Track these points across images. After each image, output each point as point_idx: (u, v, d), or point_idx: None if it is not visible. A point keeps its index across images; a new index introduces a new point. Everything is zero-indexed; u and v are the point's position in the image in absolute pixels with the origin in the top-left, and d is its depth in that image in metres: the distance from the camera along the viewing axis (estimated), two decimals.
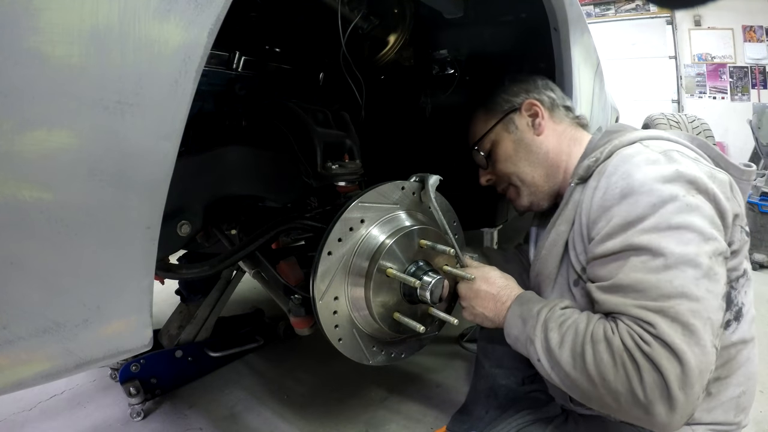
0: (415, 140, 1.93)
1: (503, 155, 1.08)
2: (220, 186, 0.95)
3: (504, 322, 0.89)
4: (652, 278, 0.69)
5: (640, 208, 0.73)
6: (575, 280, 0.88)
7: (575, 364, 0.75)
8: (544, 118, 1.06)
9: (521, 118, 1.07)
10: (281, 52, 1.27)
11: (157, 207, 0.54)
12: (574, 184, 0.91)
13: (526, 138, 1.06)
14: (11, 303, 0.46)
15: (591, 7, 7.54)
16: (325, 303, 0.84)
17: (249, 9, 1.10)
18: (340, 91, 1.34)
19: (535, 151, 1.05)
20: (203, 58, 0.52)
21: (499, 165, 1.09)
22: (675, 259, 0.69)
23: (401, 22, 1.39)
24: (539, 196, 1.07)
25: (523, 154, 1.06)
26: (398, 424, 1.45)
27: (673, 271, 0.68)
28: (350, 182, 1.04)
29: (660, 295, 0.68)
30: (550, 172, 1.04)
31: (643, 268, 0.71)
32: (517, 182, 1.07)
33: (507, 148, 1.08)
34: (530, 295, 0.90)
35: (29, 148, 0.42)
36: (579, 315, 0.80)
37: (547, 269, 0.95)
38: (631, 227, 0.74)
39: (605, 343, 0.71)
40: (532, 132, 1.06)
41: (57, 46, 0.42)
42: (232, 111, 1.16)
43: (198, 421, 1.48)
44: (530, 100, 1.06)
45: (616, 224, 0.75)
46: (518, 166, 1.06)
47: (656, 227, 0.71)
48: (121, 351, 0.57)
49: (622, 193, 0.76)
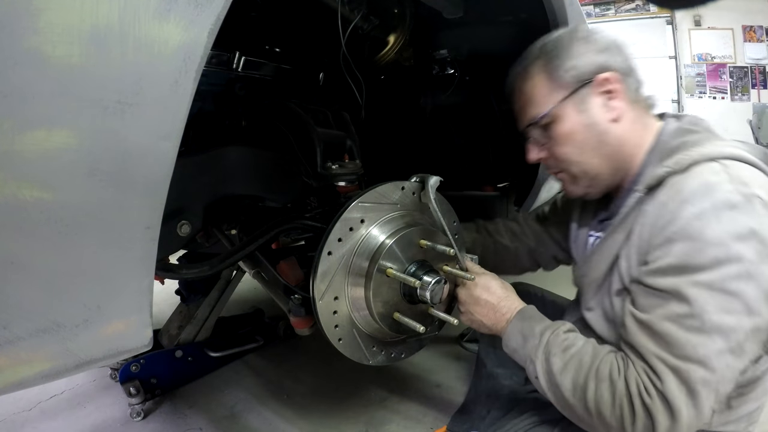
0: (415, 140, 1.93)
1: (567, 138, 0.88)
2: (220, 186, 0.95)
3: (503, 333, 0.92)
4: (682, 336, 0.69)
5: (702, 258, 0.69)
6: (619, 290, 0.84)
7: (575, 392, 0.78)
8: (622, 96, 0.85)
9: (594, 95, 0.85)
10: (281, 52, 1.27)
11: (157, 207, 0.54)
12: (640, 193, 0.81)
13: (600, 124, 0.86)
14: (11, 303, 0.46)
15: (591, 7, 7.54)
16: (325, 303, 0.84)
17: (249, 9, 1.10)
18: (340, 91, 1.34)
19: (607, 142, 0.86)
20: (203, 58, 0.52)
21: (559, 148, 0.90)
22: (711, 326, 0.68)
23: (401, 22, 1.39)
24: (598, 189, 0.93)
25: (594, 143, 0.87)
26: (398, 424, 1.45)
27: (703, 337, 0.68)
28: (350, 182, 1.04)
29: (682, 354, 0.69)
30: (620, 165, 0.88)
31: (678, 321, 0.70)
32: (578, 172, 0.90)
33: (574, 132, 0.87)
34: (532, 312, 0.92)
35: (29, 148, 0.42)
36: (584, 344, 0.82)
37: (595, 274, 0.89)
38: (686, 273, 0.70)
39: (608, 383, 0.74)
40: (607, 116, 0.85)
41: (57, 46, 0.42)
42: (232, 111, 1.16)
43: (198, 421, 1.47)
44: (605, 75, 0.84)
45: (673, 264, 0.71)
46: (584, 156, 0.88)
47: (709, 285, 0.68)
48: (121, 351, 0.57)
49: (691, 235, 0.70)
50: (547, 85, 0.88)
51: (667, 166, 0.78)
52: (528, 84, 0.91)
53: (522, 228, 1.26)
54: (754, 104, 6.27)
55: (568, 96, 0.86)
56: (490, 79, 1.77)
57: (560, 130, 0.88)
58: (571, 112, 0.86)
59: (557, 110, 0.87)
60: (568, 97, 0.86)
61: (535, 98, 0.90)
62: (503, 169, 1.92)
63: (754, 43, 6.79)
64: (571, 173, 0.92)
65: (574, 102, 0.86)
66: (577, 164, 0.89)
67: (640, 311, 0.75)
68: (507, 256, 1.25)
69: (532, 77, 0.90)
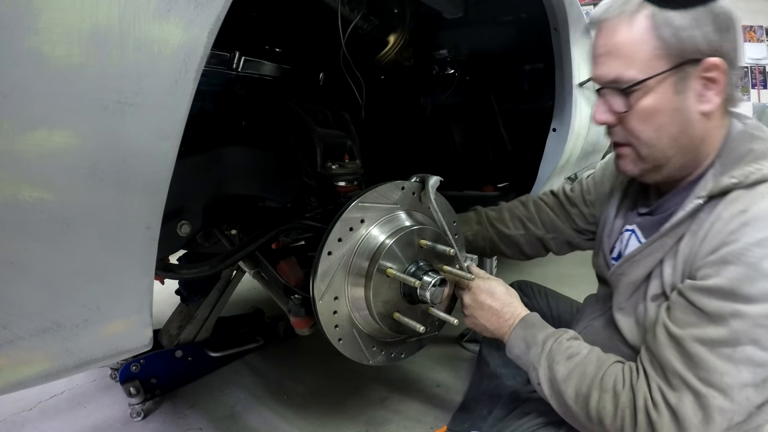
0: (415, 140, 1.94)
1: (649, 116, 0.76)
2: (220, 186, 0.95)
3: (506, 339, 0.92)
4: (711, 361, 0.67)
5: (753, 289, 0.65)
6: (656, 294, 0.80)
7: (577, 400, 0.78)
8: (722, 91, 0.74)
9: (694, 78, 0.73)
10: (281, 52, 1.27)
11: (157, 207, 0.54)
12: (701, 201, 0.74)
13: (690, 114, 0.75)
14: (11, 303, 0.46)
15: (591, 7, 7.54)
16: (325, 303, 0.84)
17: (249, 9, 1.10)
18: (340, 91, 1.34)
19: (689, 134, 0.76)
20: (203, 58, 0.52)
21: (637, 124, 0.77)
22: (742, 357, 0.66)
23: (401, 22, 1.39)
24: (657, 177, 0.83)
25: (675, 131, 0.76)
26: (398, 424, 1.45)
27: (731, 366, 0.66)
28: (350, 182, 1.04)
29: (706, 379, 0.67)
30: (690, 162, 0.80)
31: (711, 345, 0.67)
32: (647, 155, 0.80)
33: (660, 112, 0.75)
34: (534, 319, 0.92)
35: (29, 148, 0.42)
36: (588, 353, 0.81)
37: (635, 276, 0.84)
38: (732, 300, 0.66)
39: (612, 394, 0.74)
40: (699, 107, 0.74)
41: (57, 46, 0.42)
42: (232, 111, 1.16)
43: (198, 421, 1.47)
44: (716, 60, 0.71)
45: (722, 287, 0.67)
46: (660, 141, 0.77)
47: (753, 317, 0.65)
48: (121, 351, 0.57)
49: (747, 261, 0.66)
50: (652, 46, 0.72)
51: (734, 176, 0.71)
52: (627, 33, 0.74)
53: (531, 214, 1.21)
54: (754, 104, 6.28)
55: (672, 69, 0.72)
56: (490, 78, 1.77)
57: (646, 105, 0.75)
58: (667, 90, 0.73)
59: (654, 82, 0.73)
60: (672, 71, 0.72)
61: (631, 56, 0.74)
62: (503, 169, 1.93)
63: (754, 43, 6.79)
64: (638, 152, 0.81)
65: (674, 78, 0.73)
66: (649, 147, 0.78)
67: (674, 324, 0.71)
68: (511, 245, 1.22)
69: (635, 25, 0.73)
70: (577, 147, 1.71)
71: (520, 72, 1.71)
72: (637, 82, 0.74)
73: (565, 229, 1.17)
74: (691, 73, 0.73)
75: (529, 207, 1.22)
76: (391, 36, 1.41)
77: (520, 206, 1.24)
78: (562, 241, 1.19)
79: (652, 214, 0.88)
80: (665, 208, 0.85)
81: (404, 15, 1.38)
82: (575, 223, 1.16)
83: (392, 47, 1.42)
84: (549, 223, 1.19)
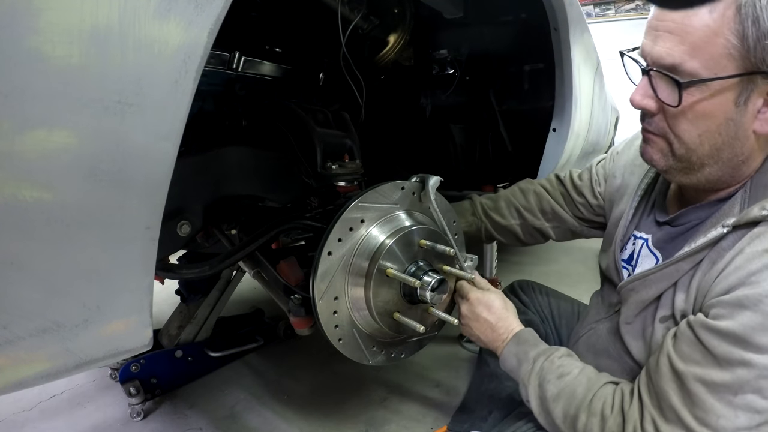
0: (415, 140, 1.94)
1: (698, 118, 0.69)
2: (220, 186, 0.95)
3: (499, 353, 0.93)
4: (709, 402, 0.65)
5: (767, 340, 0.61)
6: (666, 316, 0.77)
7: (565, 421, 0.79)
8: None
9: (759, 93, 0.65)
10: (281, 52, 1.27)
11: (157, 207, 0.54)
12: (726, 230, 0.69)
13: (743, 129, 0.68)
14: (11, 303, 0.46)
15: (591, 7, 7.54)
16: (325, 303, 0.84)
17: (249, 9, 1.10)
18: (340, 91, 1.34)
19: (734, 150, 0.70)
20: (203, 58, 0.52)
21: (681, 122, 0.70)
22: (742, 403, 0.64)
23: (401, 22, 1.39)
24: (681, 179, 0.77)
25: (720, 142, 0.70)
26: (398, 424, 1.45)
27: (729, 410, 0.64)
28: (350, 182, 1.04)
29: (701, 418, 0.66)
30: (725, 180, 0.75)
31: (712, 387, 0.65)
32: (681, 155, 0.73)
33: (711, 117, 0.68)
34: (527, 335, 0.92)
35: (29, 148, 0.42)
36: (579, 373, 0.81)
37: (645, 294, 0.81)
38: (742, 347, 0.63)
39: (600, 418, 0.74)
40: (755, 124, 0.68)
41: (57, 46, 0.42)
42: (232, 111, 1.16)
43: (198, 421, 1.47)
44: None
45: (734, 332, 0.63)
46: (701, 147, 0.71)
47: (761, 369, 0.62)
48: (121, 351, 0.57)
49: (765, 311, 0.61)
50: (728, 44, 0.62)
51: (765, 209, 0.65)
52: (706, 16, 0.63)
53: (530, 204, 1.18)
54: None
55: (741, 75, 0.63)
56: (490, 78, 1.77)
57: (699, 106, 0.67)
58: (727, 97, 0.66)
59: (718, 85, 0.65)
60: (740, 77, 0.64)
61: (700, 45, 0.64)
62: (503, 168, 1.93)
63: None
64: (673, 148, 0.74)
65: (739, 87, 0.65)
66: (688, 149, 0.72)
67: (679, 358, 0.68)
68: (507, 234, 1.21)
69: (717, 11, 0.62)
70: (577, 147, 1.71)
71: (520, 72, 1.71)
72: (701, 80, 0.65)
73: (568, 219, 1.15)
74: (758, 85, 0.65)
75: (528, 196, 1.20)
76: (391, 36, 1.41)
77: (519, 194, 1.21)
78: (565, 229, 1.17)
79: (671, 224, 0.84)
80: (686, 220, 0.81)
81: (404, 15, 1.38)
82: (580, 211, 1.13)
83: (392, 47, 1.42)
84: (550, 212, 1.16)
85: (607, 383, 0.79)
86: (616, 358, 0.88)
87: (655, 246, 0.87)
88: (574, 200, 1.14)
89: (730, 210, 0.73)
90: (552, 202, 1.17)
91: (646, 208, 0.92)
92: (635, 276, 0.84)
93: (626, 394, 0.75)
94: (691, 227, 0.80)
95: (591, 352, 0.94)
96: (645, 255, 0.88)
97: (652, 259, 0.86)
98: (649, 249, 0.88)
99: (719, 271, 0.68)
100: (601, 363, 0.88)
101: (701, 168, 0.73)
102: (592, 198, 1.11)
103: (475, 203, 1.23)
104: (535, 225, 1.18)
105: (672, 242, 0.82)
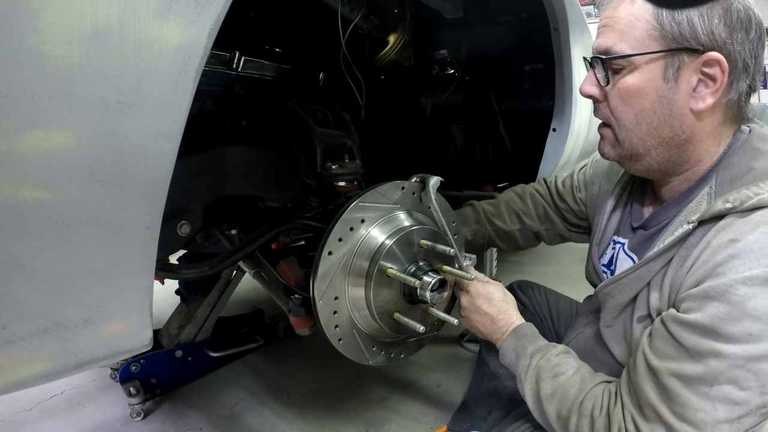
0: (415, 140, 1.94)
1: (629, 96, 0.74)
2: (220, 186, 0.95)
3: (499, 346, 0.94)
4: (685, 396, 0.65)
5: (735, 329, 0.61)
6: (642, 316, 0.78)
7: (558, 420, 0.80)
8: (719, 92, 0.70)
9: (690, 71, 0.70)
10: (281, 52, 1.27)
11: (157, 207, 0.54)
12: (691, 226, 0.70)
13: (677, 106, 0.72)
14: (11, 303, 0.46)
15: (591, 7, 7.54)
16: (325, 303, 0.84)
17: (249, 9, 1.10)
18: (340, 91, 1.34)
19: (673, 128, 0.73)
20: (203, 58, 0.52)
21: (617, 102, 0.76)
22: (719, 395, 0.63)
23: (401, 22, 1.39)
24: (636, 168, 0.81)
25: (656, 120, 0.74)
26: (398, 424, 1.45)
27: (706, 403, 0.64)
28: (350, 182, 1.04)
29: (680, 413, 0.66)
30: (674, 164, 0.77)
31: (687, 381, 0.65)
32: (623, 139, 0.78)
33: (642, 94, 0.73)
34: (527, 330, 0.92)
35: (29, 148, 0.42)
36: (574, 373, 0.82)
37: (620, 297, 0.82)
38: (712, 338, 0.63)
39: (589, 419, 0.75)
40: (690, 103, 0.71)
41: (57, 46, 0.42)
42: (232, 111, 1.16)
43: (198, 421, 1.48)
44: (718, 56, 0.67)
45: (703, 324, 0.63)
46: (638, 127, 0.76)
47: (732, 357, 0.62)
48: (121, 351, 0.57)
49: (731, 299, 0.62)
50: (649, 25, 0.70)
51: (728, 201, 0.67)
52: (628, 9, 0.72)
53: (528, 208, 1.20)
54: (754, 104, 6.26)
55: (664, 53, 0.70)
56: (489, 78, 1.77)
57: (627, 83, 0.74)
58: (654, 73, 0.71)
59: (640, 60, 0.71)
60: (662, 54, 0.70)
61: (626, 30, 0.72)
62: (503, 168, 1.93)
63: None
64: (616, 135, 0.79)
65: (665, 63, 0.70)
66: (627, 130, 0.77)
67: (653, 354, 0.69)
68: (508, 239, 1.22)
69: (637, 2, 0.72)
70: (577, 147, 1.71)
71: (520, 72, 1.71)
72: (623, 55, 0.72)
73: (557, 222, 1.18)
74: (687, 63, 0.69)
75: (525, 200, 1.22)
76: (391, 36, 1.41)
77: (517, 199, 1.23)
78: (555, 233, 1.19)
79: (644, 227, 0.86)
80: (656, 222, 0.83)
81: (404, 15, 1.38)
82: (565, 217, 1.16)
83: (392, 47, 1.42)
84: (543, 215, 1.19)
85: (599, 383, 0.79)
86: (603, 362, 0.89)
87: (630, 250, 0.89)
88: (559, 206, 1.17)
89: (697, 207, 0.74)
90: (544, 204, 1.20)
91: (625, 214, 0.94)
92: (610, 280, 0.85)
93: (612, 394, 0.75)
94: (662, 228, 0.81)
95: (581, 356, 0.94)
96: (622, 259, 0.90)
97: (629, 262, 0.88)
98: (625, 253, 0.90)
99: (689, 267, 0.69)
100: (592, 366, 0.88)
101: (647, 152, 0.78)
102: (573, 204, 1.14)
103: (478, 210, 1.24)
104: (533, 229, 1.20)
105: (645, 244, 0.84)
